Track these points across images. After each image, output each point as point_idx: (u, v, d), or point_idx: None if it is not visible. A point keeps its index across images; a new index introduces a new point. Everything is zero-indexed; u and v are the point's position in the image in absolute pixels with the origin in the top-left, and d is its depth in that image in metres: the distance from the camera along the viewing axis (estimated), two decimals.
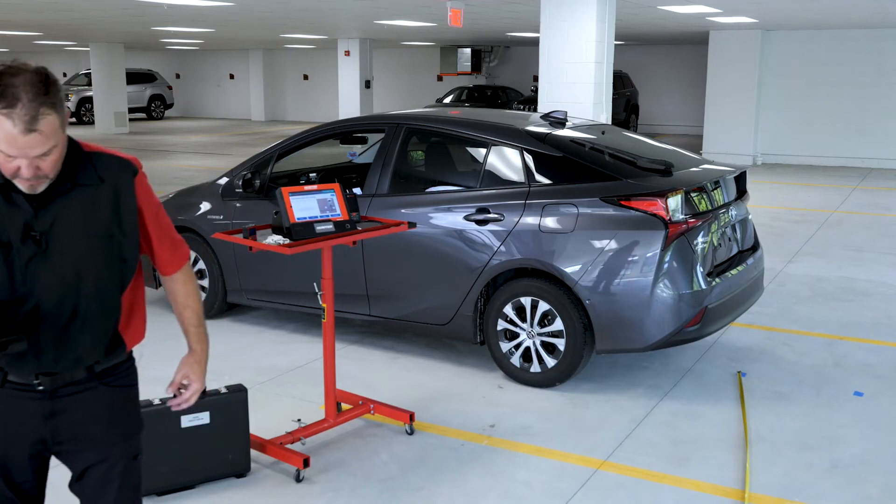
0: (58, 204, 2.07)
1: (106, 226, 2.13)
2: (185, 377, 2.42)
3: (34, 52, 34.00)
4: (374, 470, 3.93)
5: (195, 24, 16.65)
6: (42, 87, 1.94)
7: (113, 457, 2.27)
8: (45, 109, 1.93)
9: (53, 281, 2.08)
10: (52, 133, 1.96)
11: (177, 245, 2.37)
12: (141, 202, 2.21)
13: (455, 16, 10.73)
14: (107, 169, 2.16)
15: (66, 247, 2.08)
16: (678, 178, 4.86)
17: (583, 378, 5.06)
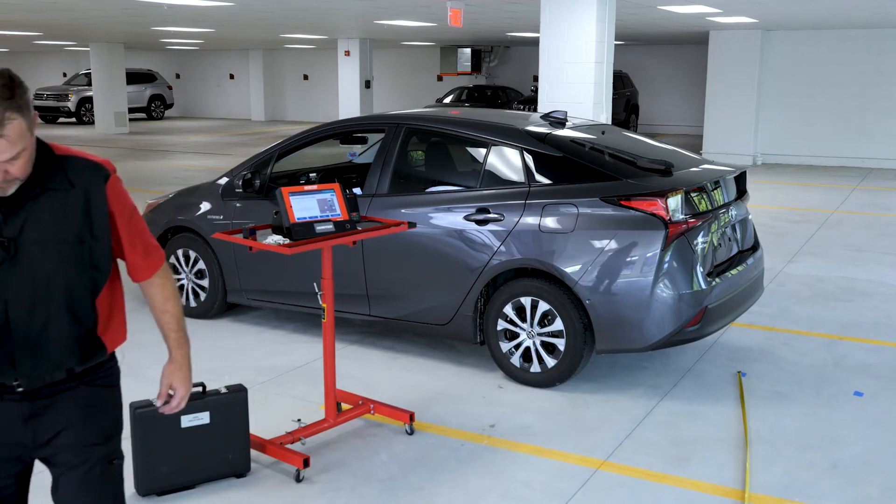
0: (27, 209, 2.03)
1: (77, 231, 2.09)
2: (170, 386, 2.40)
3: (34, 52, 34.05)
4: (374, 470, 3.93)
5: (195, 24, 16.65)
6: (6, 90, 1.90)
7: (91, 459, 2.21)
8: (10, 114, 1.90)
9: (23, 288, 2.05)
10: (18, 138, 1.92)
11: (150, 250, 2.31)
12: (113, 207, 2.16)
13: (455, 16, 10.73)
14: (78, 173, 2.10)
15: (35, 253, 2.04)
16: (678, 178, 4.86)
17: (583, 378, 5.06)
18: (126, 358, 4.98)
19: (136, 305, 6.54)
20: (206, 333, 5.90)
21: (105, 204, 2.13)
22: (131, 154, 18.30)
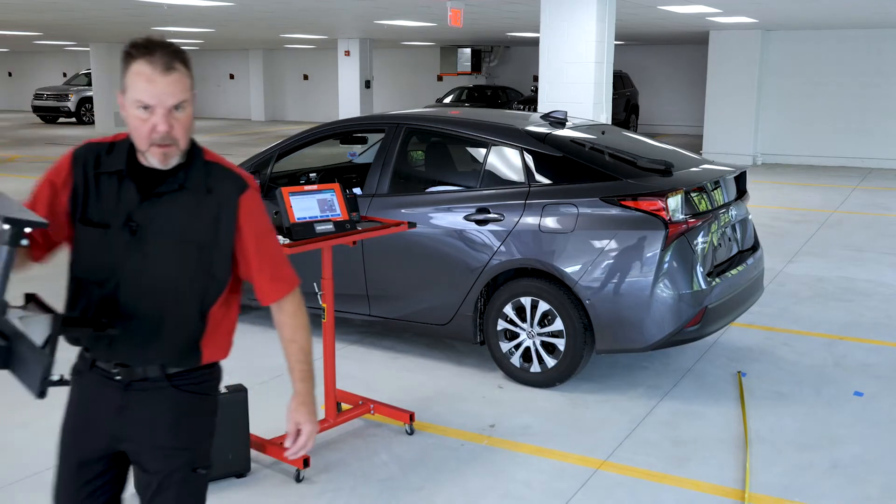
0: (163, 201, 2.09)
1: (202, 236, 2.11)
2: (297, 424, 2.28)
3: (34, 52, 34.04)
4: (374, 470, 3.93)
5: (195, 24, 16.65)
6: (174, 46, 2.06)
7: (173, 464, 2.18)
8: (177, 61, 2.03)
9: (138, 275, 2.09)
10: (186, 82, 2.05)
11: (278, 275, 2.23)
12: (242, 221, 2.14)
13: (455, 16, 10.73)
14: (218, 180, 2.13)
15: (158, 245, 2.09)
16: (678, 178, 4.86)
17: (583, 378, 5.06)
18: None
19: None
20: None
21: (235, 216, 2.13)
22: None
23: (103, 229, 2.09)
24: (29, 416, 4.56)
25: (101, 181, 2.11)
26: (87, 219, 2.11)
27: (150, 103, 2.00)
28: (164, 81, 2.00)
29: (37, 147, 19.79)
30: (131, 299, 2.10)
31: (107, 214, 2.09)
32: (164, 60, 2.00)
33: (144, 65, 2.00)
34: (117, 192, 2.09)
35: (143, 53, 2.00)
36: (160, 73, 2.00)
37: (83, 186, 2.11)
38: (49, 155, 17.93)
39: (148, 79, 1.99)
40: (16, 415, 4.57)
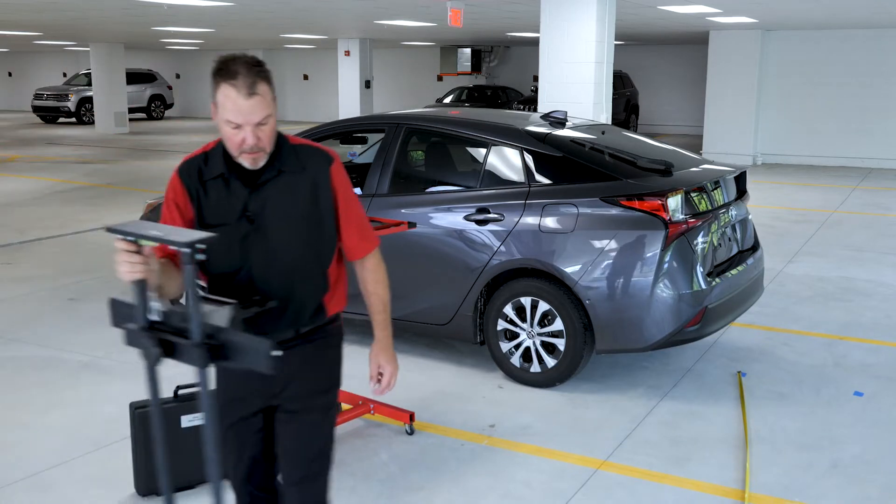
0: (267, 188, 2.37)
1: (307, 209, 2.40)
2: (378, 366, 2.60)
3: (34, 52, 34.04)
4: (374, 470, 3.93)
5: (195, 24, 16.65)
6: (255, 64, 2.29)
7: (311, 407, 2.50)
8: (260, 79, 2.28)
9: (263, 256, 2.38)
10: (268, 100, 2.30)
11: (364, 233, 2.52)
12: (335, 188, 2.44)
13: (455, 16, 10.73)
14: (308, 158, 2.43)
15: (273, 227, 2.37)
16: (678, 178, 4.86)
17: (583, 378, 5.06)
18: (126, 358, 4.99)
19: None
20: None
21: (329, 185, 2.43)
22: (131, 154, 18.30)
23: (224, 227, 2.36)
24: (29, 416, 4.56)
25: (209, 187, 2.40)
26: (206, 224, 2.39)
27: (239, 122, 2.28)
28: (248, 105, 2.27)
29: (37, 147, 19.79)
30: (264, 278, 2.39)
31: (223, 214, 2.38)
32: (246, 85, 2.26)
33: (230, 89, 2.26)
34: (227, 191, 2.38)
35: (227, 78, 2.26)
36: (244, 97, 2.26)
37: (196, 195, 2.40)
38: (49, 155, 17.94)
39: (234, 103, 2.26)
40: (16, 415, 4.57)
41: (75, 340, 5.78)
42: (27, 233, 9.53)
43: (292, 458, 2.50)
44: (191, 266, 2.07)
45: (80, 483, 3.80)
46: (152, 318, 2.16)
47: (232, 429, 2.53)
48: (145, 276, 2.12)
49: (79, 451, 4.10)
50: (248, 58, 2.30)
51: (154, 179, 14.12)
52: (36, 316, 6.38)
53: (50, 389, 4.92)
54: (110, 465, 3.95)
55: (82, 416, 4.53)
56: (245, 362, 2.13)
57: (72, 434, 4.30)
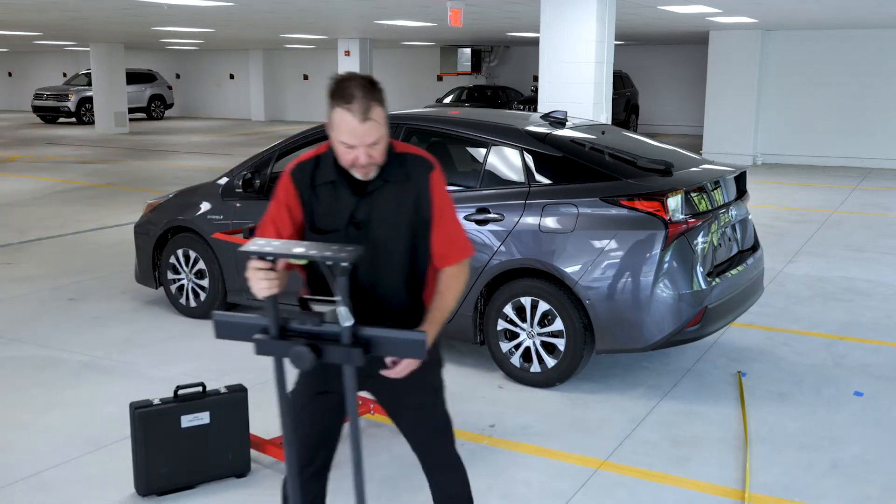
0: (374, 197, 2.51)
1: (408, 215, 2.53)
2: None
3: (34, 52, 34.04)
4: (374, 470, 3.93)
5: (195, 24, 16.65)
6: (371, 85, 2.40)
7: (424, 391, 2.73)
8: (374, 104, 2.38)
9: (368, 259, 2.46)
10: (381, 124, 2.41)
11: (451, 244, 2.60)
12: (433, 195, 2.57)
13: (455, 16, 10.73)
14: (412, 167, 2.55)
15: (378, 232, 2.51)
16: (678, 178, 4.86)
17: (583, 378, 5.06)
18: (126, 358, 4.99)
19: (136, 305, 6.57)
20: (206, 333, 5.90)
21: (428, 192, 2.56)
22: (131, 154, 18.30)
23: (333, 233, 2.51)
24: (29, 416, 4.56)
25: (319, 191, 2.54)
26: (317, 228, 2.54)
27: (353, 144, 2.40)
28: (362, 129, 2.38)
29: (37, 147, 19.79)
30: (367, 278, 2.52)
31: (332, 220, 2.53)
32: (361, 110, 2.37)
33: (345, 114, 2.38)
34: (336, 197, 2.53)
35: (342, 102, 2.37)
36: (359, 122, 2.37)
37: (308, 199, 2.55)
38: (49, 155, 17.94)
39: (349, 126, 2.38)
40: (16, 415, 4.57)
41: (75, 340, 5.78)
42: (27, 233, 9.53)
43: (420, 435, 2.78)
44: (343, 278, 2.23)
45: (80, 483, 3.80)
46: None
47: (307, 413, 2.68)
48: (278, 290, 2.30)
49: (79, 451, 4.10)
50: (363, 80, 2.40)
51: (154, 179, 14.12)
52: (36, 316, 6.37)
53: (50, 389, 4.92)
54: (110, 465, 3.95)
55: (82, 416, 4.53)
56: (398, 353, 2.35)
57: (72, 434, 4.30)
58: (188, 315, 6.22)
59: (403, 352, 2.34)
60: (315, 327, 2.30)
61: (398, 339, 2.31)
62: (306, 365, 2.26)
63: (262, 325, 2.34)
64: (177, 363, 5.32)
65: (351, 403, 2.41)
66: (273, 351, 2.32)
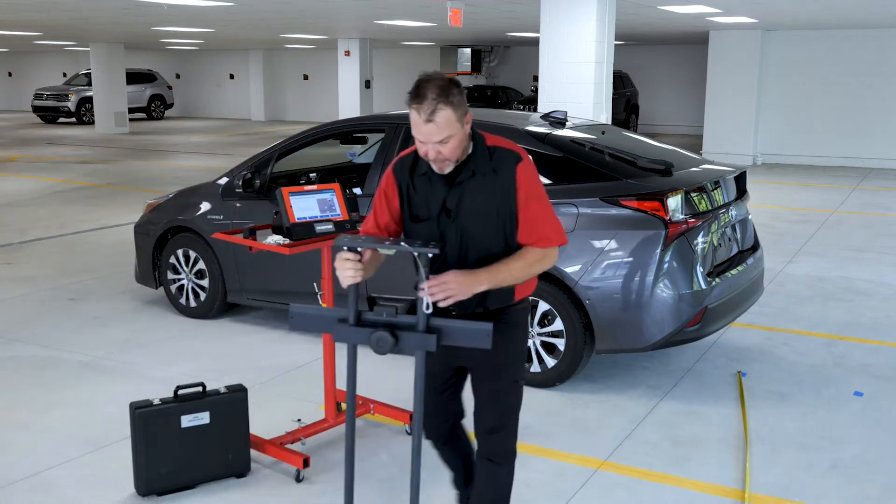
0: (463, 187, 2.72)
1: (495, 206, 2.71)
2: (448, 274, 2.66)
3: (34, 52, 34.03)
4: (374, 470, 3.93)
5: (195, 24, 16.65)
6: (443, 89, 2.58)
7: (499, 377, 2.86)
8: (441, 105, 2.57)
9: (456, 242, 2.74)
10: (445, 125, 2.58)
11: (535, 232, 2.72)
12: (518, 186, 2.70)
13: (455, 16, 10.73)
14: (500, 160, 2.72)
15: (467, 220, 2.72)
16: (678, 178, 4.86)
17: (583, 378, 5.06)
18: (126, 358, 4.99)
19: (136, 305, 6.57)
20: (206, 333, 5.90)
21: (514, 183, 2.70)
22: (131, 154, 18.30)
23: (429, 221, 2.76)
24: (29, 416, 4.56)
25: (417, 183, 2.79)
26: (415, 216, 2.81)
27: (421, 140, 2.64)
28: (426, 129, 2.60)
29: (37, 147, 19.79)
30: (457, 261, 2.75)
31: (426, 209, 2.77)
32: (427, 111, 2.58)
33: (414, 112, 2.62)
34: (431, 188, 2.76)
35: (413, 101, 2.61)
36: (423, 122, 2.60)
37: (406, 190, 2.80)
38: (49, 155, 17.94)
39: (416, 124, 2.63)
40: (16, 415, 4.57)
41: (75, 340, 5.78)
42: (27, 233, 9.53)
43: (488, 416, 2.90)
44: (425, 268, 2.55)
45: (80, 483, 3.80)
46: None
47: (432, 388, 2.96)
48: (361, 279, 2.60)
49: (79, 451, 4.10)
50: (439, 81, 2.60)
51: (154, 179, 14.12)
52: (36, 316, 6.37)
53: (50, 389, 4.92)
54: (110, 465, 3.95)
55: (82, 416, 4.53)
56: (467, 342, 2.57)
57: (72, 434, 4.30)
58: (188, 315, 6.22)
59: (470, 340, 2.56)
60: (391, 318, 2.58)
61: (466, 328, 2.56)
62: (386, 349, 2.53)
63: (338, 316, 2.63)
64: (177, 363, 5.31)
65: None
66: (354, 338, 2.62)
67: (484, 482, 3.00)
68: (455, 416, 3.11)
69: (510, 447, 2.97)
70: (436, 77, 2.62)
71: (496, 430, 2.93)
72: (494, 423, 2.92)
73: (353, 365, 2.73)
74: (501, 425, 2.93)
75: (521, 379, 2.95)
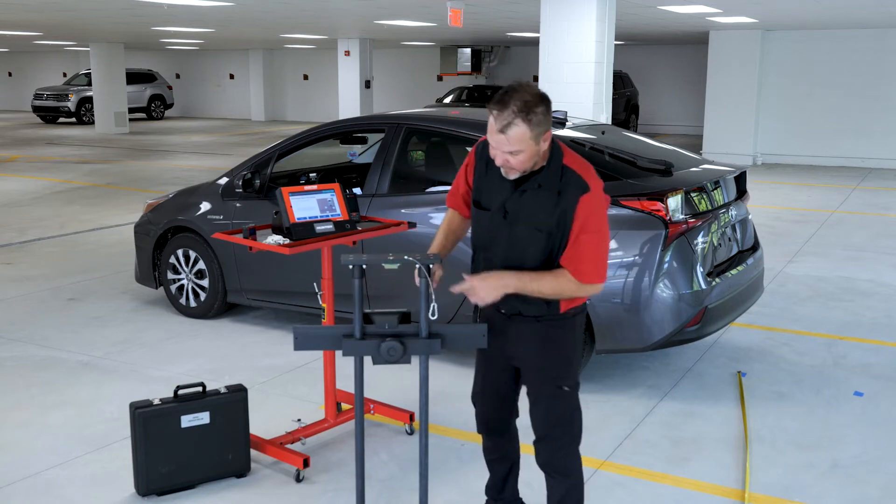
0: (526, 195, 2.74)
1: (551, 224, 2.72)
2: (476, 278, 2.80)
3: (34, 52, 34.04)
4: (374, 470, 3.93)
5: (195, 24, 16.65)
6: (526, 105, 2.57)
7: (544, 380, 2.91)
8: (517, 121, 2.58)
9: (507, 245, 2.80)
10: (517, 140, 2.60)
11: (575, 262, 2.71)
12: (576, 216, 2.69)
13: (455, 16, 10.73)
14: (568, 184, 2.70)
15: (520, 226, 2.76)
16: (678, 178, 4.86)
17: (583, 378, 5.05)
18: (126, 358, 4.99)
19: (136, 305, 6.57)
20: (206, 333, 5.90)
21: (573, 212, 2.69)
22: (131, 154, 18.30)
23: (487, 212, 2.83)
24: (29, 416, 4.56)
25: (490, 170, 2.84)
26: (478, 202, 2.89)
27: (493, 146, 2.68)
28: (498, 138, 2.63)
29: (37, 147, 19.79)
30: (502, 264, 2.81)
31: (490, 200, 2.83)
32: (501, 121, 2.59)
33: (491, 118, 2.63)
34: (499, 182, 2.80)
35: (493, 107, 2.62)
36: (496, 131, 2.62)
37: (480, 174, 2.89)
38: (49, 155, 17.94)
39: (490, 129, 2.65)
40: (16, 415, 4.57)
41: (75, 340, 5.78)
42: (27, 233, 9.53)
43: (536, 420, 2.96)
44: (424, 279, 2.73)
45: (80, 483, 3.80)
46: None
47: (484, 384, 3.12)
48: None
49: (79, 451, 4.10)
50: (526, 96, 2.57)
51: (154, 179, 14.12)
52: (36, 316, 6.38)
53: (50, 389, 4.92)
54: (110, 465, 3.95)
55: (82, 416, 4.53)
56: (466, 343, 2.73)
57: (72, 434, 4.30)
58: (188, 315, 6.22)
59: (469, 341, 2.70)
60: (394, 328, 2.71)
61: (463, 331, 2.72)
62: (397, 357, 2.66)
63: (343, 332, 2.73)
64: (177, 363, 5.31)
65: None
66: (362, 351, 2.71)
67: (548, 495, 3.08)
68: (505, 406, 3.14)
69: (559, 463, 2.98)
70: (526, 89, 2.60)
71: (543, 438, 2.98)
72: (542, 431, 2.97)
73: (360, 376, 2.77)
74: (549, 434, 2.96)
75: (569, 387, 2.93)
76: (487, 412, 3.17)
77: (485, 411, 3.17)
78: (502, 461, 3.27)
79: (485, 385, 3.12)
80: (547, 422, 2.95)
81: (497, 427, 3.19)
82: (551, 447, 2.97)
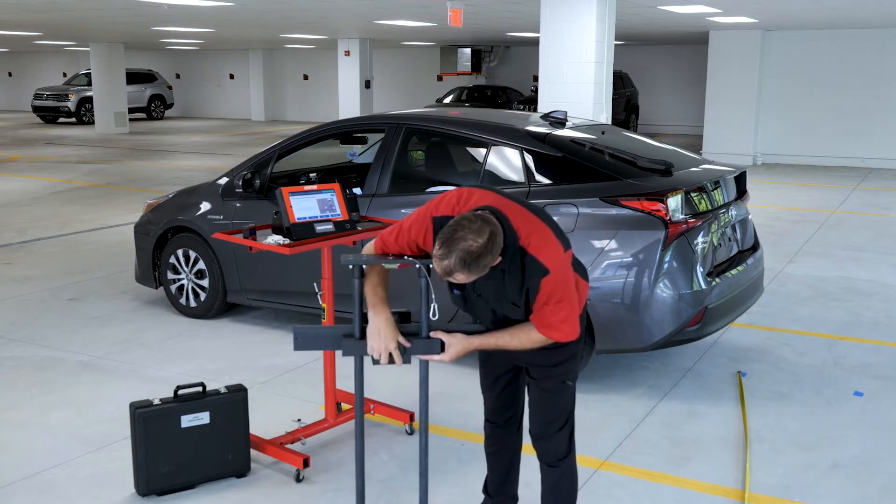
0: (492, 281, 2.80)
1: (516, 298, 2.82)
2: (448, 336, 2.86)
3: (34, 52, 34.04)
4: (374, 470, 3.93)
5: (195, 24, 16.65)
6: (469, 255, 2.57)
7: (549, 376, 3.05)
8: (461, 272, 2.60)
9: (484, 312, 2.95)
10: (463, 280, 2.67)
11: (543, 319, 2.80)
12: (540, 294, 2.76)
13: (455, 16, 10.73)
14: (528, 268, 2.74)
15: (491, 300, 2.88)
16: (678, 178, 4.86)
17: (583, 378, 5.05)
18: (126, 358, 4.99)
19: (136, 306, 6.58)
20: (206, 333, 5.90)
21: (536, 292, 2.77)
22: (131, 154, 18.30)
23: (467, 294, 2.94)
24: (29, 416, 4.56)
25: None
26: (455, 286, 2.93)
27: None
28: (443, 275, 2.69)
29: (37, 147, 19.79)
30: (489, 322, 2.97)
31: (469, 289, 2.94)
32: (445, 269, 2.63)
33: (435, 252, 2.66)
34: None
35: (438, 248, 2.63)
36: (439, 271, 2.66)
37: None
38: (49, 155, 17.93)
39: (434, 265, 2.71)
40: (16, 415, 4.57)
41: (75, 340, 5.78)
42: (27, 233, 9.53)
43: (534, 417, 3.11)
44: (424, 279, 2.81)
45: (80, 483, 3.80)
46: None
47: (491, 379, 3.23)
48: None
49: (79, 451, 4.10)
50: (471, 241, 2.56)
51: (154, 179, 14.12)
52: (36, 316, 6.38)
53: (50, 389, 4.92)
54: (110, 465, 3.95)
55: (82, 416, 4.53)
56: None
57: (72, 434, 4.30)
58: (188, 315, 6.22)
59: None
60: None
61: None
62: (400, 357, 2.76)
63: (343, 332, 2.79)
64: (177, 363, 5.31)
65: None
66: (362, 351, 2.77)
67: (546, 489, 3.20)
68: (511, 402, 3.24)
69: (559, 447, 3.14)
70: (468, 243, 2.58)
71: (541, 428, 3.10)
72: (541, 422, 3.10)
73: (360, 376, 2.81)
74: (547, 425, 3.09)
75: (571, 381, 3.10)
76: (494, 403, 3.26)
77: (491, 399, 3.27)
78: (502, 454, 3.32)
79: (489, 379, 3.23)
80: (547, 413, 3.08)
81: (504, 416, 3.27)
82: (549, 436, 3.10)
